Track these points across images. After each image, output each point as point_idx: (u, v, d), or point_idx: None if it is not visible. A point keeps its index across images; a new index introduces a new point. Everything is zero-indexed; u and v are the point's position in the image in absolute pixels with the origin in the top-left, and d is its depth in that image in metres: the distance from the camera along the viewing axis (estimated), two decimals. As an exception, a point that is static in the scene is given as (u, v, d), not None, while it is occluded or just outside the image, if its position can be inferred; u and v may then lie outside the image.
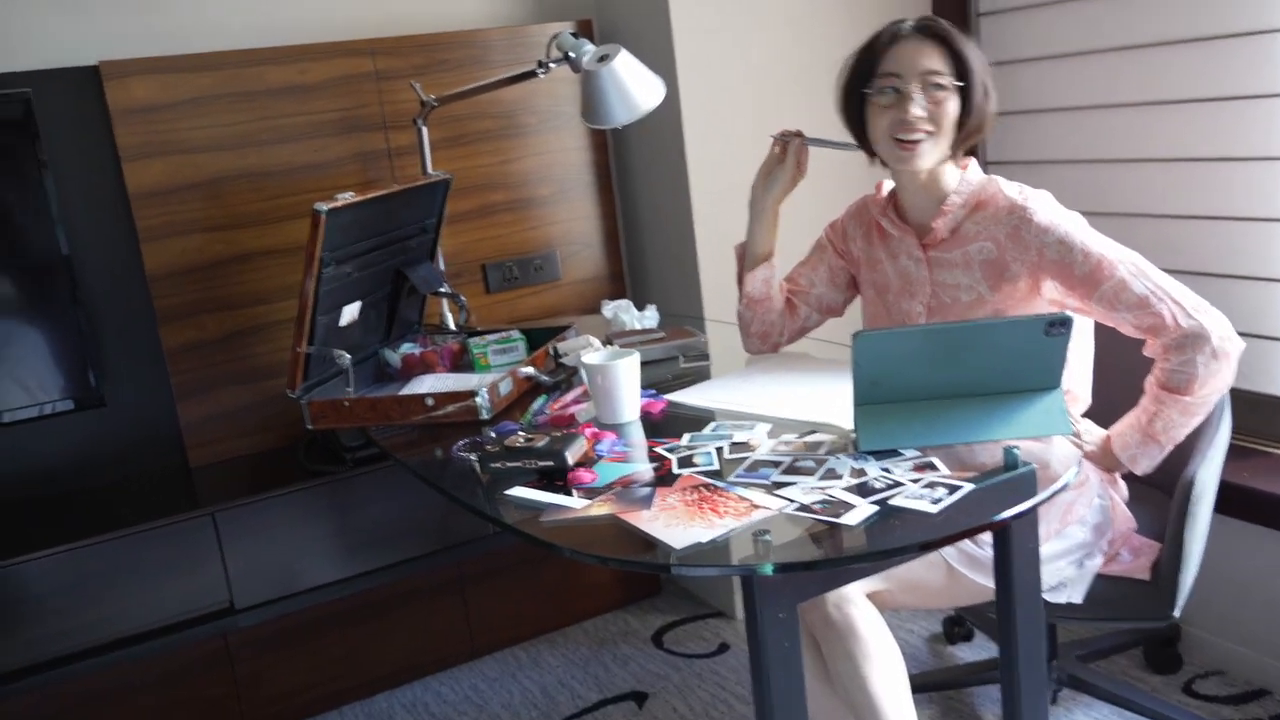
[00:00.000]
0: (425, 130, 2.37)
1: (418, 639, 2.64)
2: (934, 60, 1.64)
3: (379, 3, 2.57)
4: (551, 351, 2.11)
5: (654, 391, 1.85)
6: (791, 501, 1.35)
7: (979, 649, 2.46)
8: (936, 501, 1.29)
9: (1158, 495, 1.94)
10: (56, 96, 2.19)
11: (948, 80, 1.64)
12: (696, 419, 1.72)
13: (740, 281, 1.98)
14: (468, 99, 2.39)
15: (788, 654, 1.30)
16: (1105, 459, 1.73)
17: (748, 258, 1.96)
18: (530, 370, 2.00)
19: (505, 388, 1.92)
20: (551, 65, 2.15)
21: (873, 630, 1.59)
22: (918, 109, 1.64)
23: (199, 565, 2.13)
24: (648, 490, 1.44)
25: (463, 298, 2.40)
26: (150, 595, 2.09)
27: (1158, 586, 1.75)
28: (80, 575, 2.03)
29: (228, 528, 2.14)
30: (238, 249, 2.37)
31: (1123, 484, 1.83)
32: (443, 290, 2.37)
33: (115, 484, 2.33)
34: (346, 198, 1.97)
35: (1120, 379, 1.78)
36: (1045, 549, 1.62)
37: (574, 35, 2.11)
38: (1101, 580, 1.77)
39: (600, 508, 1.41)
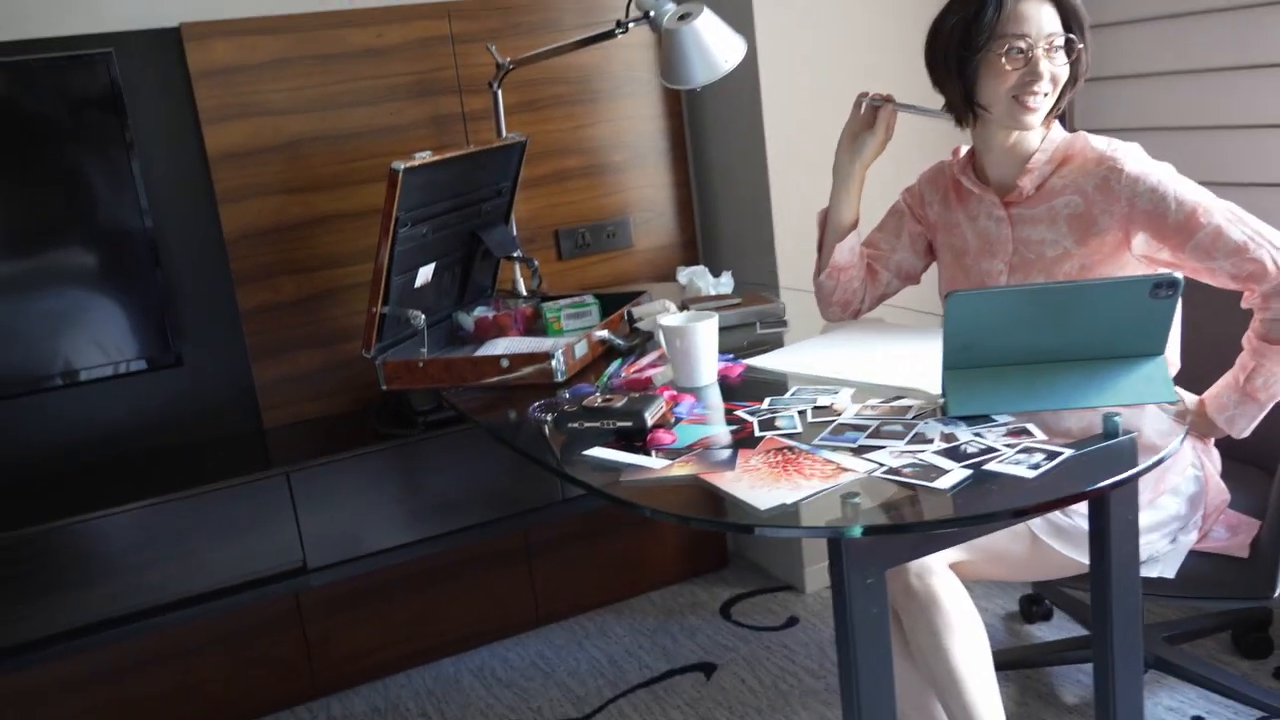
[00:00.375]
0: (500, 94, 2.35)
1: (484, 605, 2.65)
2: (1055, 21, 1.61)
3: (454, -34, 2.55)
4: (627, 316, 2.08)
5: (731, 356, 1.82)
6: (880, 465, 1.31)
7: (1058, 628, 2.40)
8: (1035, 468, 1.24)
9: (1251, 471, 1.86)
10: (138, 57, 2.21)
11: (1067, 40, 1.61)
12: (776, 383, 1.68)
13: (820, 249, 1.94)
14: (542, 62, 2.36)
15: (875, 620, 1.26)
16: (1199, 424, 1.66)
17: (832, 226, 1.91)
18: (605, 334, 1.98)
19: (580, 350, 1.90)
20: (631, 25, 2.11)
21: (955, 601, 1.55)
22: (1046, 70, 1.61)
23: (273, 524, 2.14)
24: (730, 452, 1.41)
25: (535, 262, 2.38)
26: (224, 553, 2.11)
27: (1256, 565, 1.68)
28: (155, 532, 2.06)
29: (302, 488, 2.15)
30: (314, 211, 2.38)
31: (1216, 454, 1.76)
32: (517, 255, 2.36)
33: (192, 443, 2.36)
34: (424, 157, 1.96)
35: (1211, 350, 1.71)
36: (1139, 522, 1.56)
37: (653, -6, 2.08)
38: (1194, 557, 1.71)
39: (681, 468, 1.38)
